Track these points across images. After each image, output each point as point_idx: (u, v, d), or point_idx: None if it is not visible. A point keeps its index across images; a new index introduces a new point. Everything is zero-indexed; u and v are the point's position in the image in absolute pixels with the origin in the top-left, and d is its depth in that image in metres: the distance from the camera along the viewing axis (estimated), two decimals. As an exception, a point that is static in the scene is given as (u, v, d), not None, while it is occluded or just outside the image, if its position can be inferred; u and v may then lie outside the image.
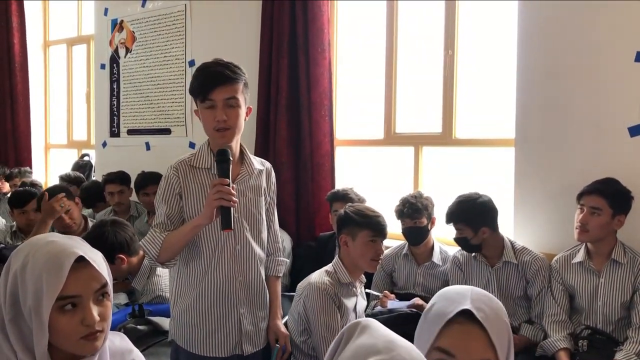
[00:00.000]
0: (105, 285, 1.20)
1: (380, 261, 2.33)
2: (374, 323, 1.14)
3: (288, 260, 2.24)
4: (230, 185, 1.77)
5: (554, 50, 2.81)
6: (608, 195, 2.40)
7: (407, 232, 2.91)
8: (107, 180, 4.06)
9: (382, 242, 2.27)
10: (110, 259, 2.51)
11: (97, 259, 1.21)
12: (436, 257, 2.94)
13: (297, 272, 3.33)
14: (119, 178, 4.04)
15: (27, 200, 3.62)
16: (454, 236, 2.69)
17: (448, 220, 2.67)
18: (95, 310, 1.17)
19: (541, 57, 2.85)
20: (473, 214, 2.61)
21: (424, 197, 2.92)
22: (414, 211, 2.84)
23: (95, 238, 2.55)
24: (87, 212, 4.31)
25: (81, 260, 1.16)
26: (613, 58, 2.65)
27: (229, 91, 1.84)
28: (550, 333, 2.49)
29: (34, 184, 4.51)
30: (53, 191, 3.31)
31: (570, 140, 2.78)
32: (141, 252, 2.63)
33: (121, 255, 2.55)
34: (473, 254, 2.71)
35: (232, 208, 1.76)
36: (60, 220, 3.29)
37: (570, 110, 2.78)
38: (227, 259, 1.93)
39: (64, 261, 1.13)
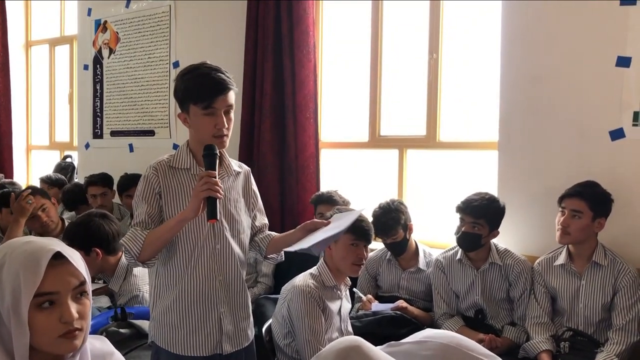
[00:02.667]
0: (83, 283, 1.19)
1: (364, 265, 2.33)
2: (368, 352, 1.12)
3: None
4: (217, 177, 1.77)
5: (537, 54, 2.84)
6: (589, 198, 2.43)
7: (388, 247, 2.91)
8: (90, 182, 4.02)
9: (365, 246, 2.26)
10: (86, 249, 2.47)
11: (75, 257, 1.20)
12: (421, 263, 2.92)
13: (282, 274, 3.32)
14: (102, 180, 4.01)
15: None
16: (463, 229, 2.61)
17: (472, 212, 2.58)
18: (73, 308, 1.16)
19: (524, 61, 2.89)
20: (498, 215, 2.63)
21: (394, 208, 2.83)
22: (387, 229, 2.81)
23: (79, 224, 2.52)
24: (69, 214, 4.27)
25: (59, 258, 1.16)
26: (595, 62, 2.69)
27: (229, 99, 1.87)
28: (532, 335, 2.51)
29: (12, 184, 4.45)
30: (21, 192, 3.37)
31: (553, 143, 2.81)
32: (119, 254, 2.59)
33: (97, 249, 2.50)
34: (458, 257, 2.72)
35: (217, 200, 1.76)
36: (38, 219, 3.32)
37: (552, 114, 2.81)
38: (207, 258, 1.92)
39: (40, 258, 1.13)
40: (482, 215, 2.59)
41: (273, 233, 2.15)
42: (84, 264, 1.22)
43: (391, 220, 2.80)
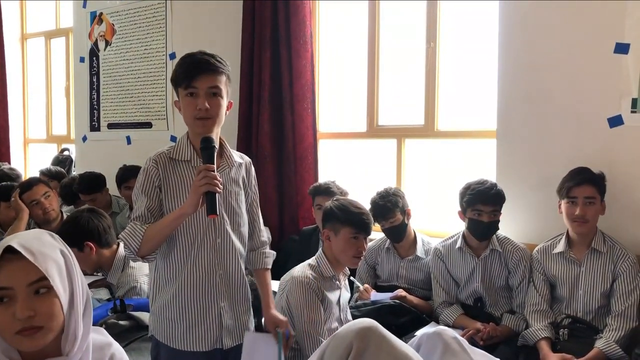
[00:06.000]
0: (42, 279, 1.15)
1: (363, 256, 2.32)
2: (385, 334, 1.12)
3: (274, 253, 2.22)
4: (215, 171, 1.75)
5: (535, 42, 2.83)
6: (596, 183, 2.44)
7: (386, 232, 2.90)
8: (78, 189, 3.98)
9: (365, 238, 2.25)
10: (78, 245, 2.48)
11: (36, 252, 1.15)
12: (419, 250, 2.93)
13: (280, 265, 3.31)
14: (88, 188, 3.91)
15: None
16: (484, 220, 2.57)
17: (492, 201, 2.57)
18: (28, 305, 1.13)
19: (522, 49, 2.87)
20: (504, 197, 2.66)
21: (392, 192, 2.86)
22: (385, 212, 2.80)
23: (67, 222, 2.55)
24: (67, 208, 4.25)
25: (16, 252, 1.13)
26: (592, 50, 2.68)
27: (212, 80, 1.83)
28: (531, 323, 2.52)
29: (11, 170, 4.50)
30: (21, 187, 3.52)
31: (551, 131, 2.81)
32: (114, 246, 2.59)
33: (89, 243, 2.50)
34: (458, 245, 2.71)
35: (217, 194, 1.74)
36: (40, 205, 3.42)
37: (550, 102, 2.80)
38: (207, 252, 1.90)
39: None
40: (499, 201, 2.61)
41: (269, 264, 2.15)
42: (62, 261, 1.20)
43: (389, 203, 2.80)
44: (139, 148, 4.53)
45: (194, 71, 1.82)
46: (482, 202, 2.58)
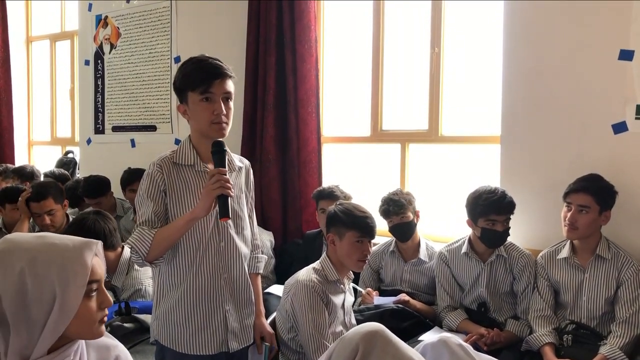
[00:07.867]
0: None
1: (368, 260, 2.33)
2: (391, 338, 1.13)
3: (267, 257, 2.22)
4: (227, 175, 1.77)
5: (540, 48, 2.84)
6: (595, 192, 2.42)
7: (396, 229, 2.91)
8: (82, 194, 3.98)
9: (369, 242, 2.25)
10: None
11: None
12: (423, 254, 2.94)
13: (284, 269, 3.33)
14: (92, 192, 3.91)
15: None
16: (498, 229, 2.57)
17: (506, 210, 2.57)
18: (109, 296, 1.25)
19: (527, 55, 2.88)
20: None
21: (405, 192, 2.96)
22: (399, 207, 2.85)
23: (73, 224, 2.55)
24: (72, 210, 4.26)
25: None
26: (597, 56, 2.68)
27: (226, 85, 1.86)
28: (535, 328, 2.52)
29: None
30: (37, 189, 3.48)
31: (555, 137, 2.81)
32: (119, 249, 2.60)
33: None
34: (463, 250, 2.71)
35: (229, 197, 1.75)
36: (42, 219, 3.39)
37: (555, 107, 2.81)
38: (212, 256, 1.91)
39: (85, 249, 1.19)
40: (512, 209, 2.60)
41: (260, 269, 2.16)
42: None
43: (404, 199, 2.89)
44: (143, 151, 4.54)
45: (210, 76, 1.83)
46: (496, 212, 2.57)
